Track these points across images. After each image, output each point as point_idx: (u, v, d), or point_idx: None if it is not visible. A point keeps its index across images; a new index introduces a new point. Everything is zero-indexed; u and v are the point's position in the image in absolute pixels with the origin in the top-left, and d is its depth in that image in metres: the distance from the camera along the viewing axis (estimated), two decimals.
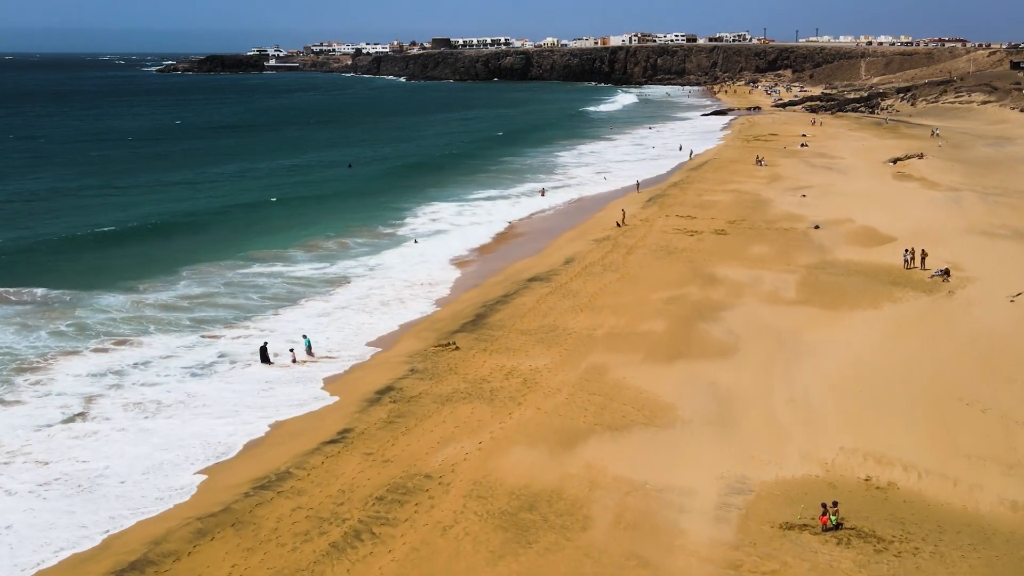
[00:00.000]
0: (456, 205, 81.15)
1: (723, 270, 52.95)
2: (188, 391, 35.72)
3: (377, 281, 54.11)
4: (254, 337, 42.65)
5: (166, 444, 30.79)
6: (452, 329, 42.85)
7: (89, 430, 31.92)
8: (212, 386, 36.33)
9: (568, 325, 42.50)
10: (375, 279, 54.57)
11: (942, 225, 64.94)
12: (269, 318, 46.12)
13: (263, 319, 45.85)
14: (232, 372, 38.14)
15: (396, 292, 51.35)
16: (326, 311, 47.29)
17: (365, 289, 51.90)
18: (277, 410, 33.46)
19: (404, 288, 52.25)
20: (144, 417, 33.22)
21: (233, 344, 41.80)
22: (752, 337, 40.84)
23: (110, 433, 31.73)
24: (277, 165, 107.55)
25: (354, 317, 46.19)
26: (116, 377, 37.10)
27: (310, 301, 49.23)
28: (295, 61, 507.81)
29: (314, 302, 49.09)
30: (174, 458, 29.71)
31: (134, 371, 37.91)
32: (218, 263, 56.99)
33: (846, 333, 41.50)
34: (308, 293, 50.89)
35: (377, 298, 49.97)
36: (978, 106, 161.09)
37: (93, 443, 30.88)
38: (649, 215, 70.27)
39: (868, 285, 49.79)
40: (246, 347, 41.21)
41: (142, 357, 39.78)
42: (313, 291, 51.23)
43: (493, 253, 62.71)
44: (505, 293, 49.11)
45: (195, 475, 28.62)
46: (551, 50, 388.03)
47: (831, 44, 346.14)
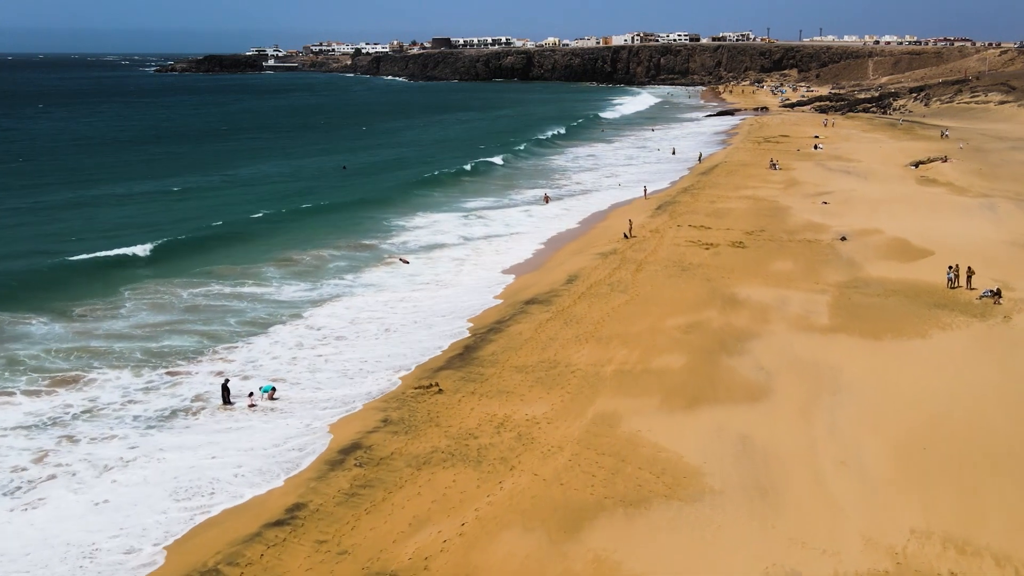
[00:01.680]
0: (456, 215, 75.28)
1: (745, 290, 47.15)
2: (126, 451, 29.86)
3: (364, 300, 48.27)
4: (204, 373, 36.81)
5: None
6: (436, 365, 36.97)
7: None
8: (153, 440, 30.43)
9: (571, 360, 36.65)
10: (363, 298, 48.68)
11: (980, 237, 59.21)
12: (238, 347, 40.22)
13: (229, 350, 39.92)
14: (182, 420, 32.29)
15: (382, 318, 45.22)
16: (299, 340, 41.28)
17: (348, 314, 45.75)
18: (215, 479, 27.43)
19: (390, 312, 46.21)
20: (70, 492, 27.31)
21: (190, 382, 35.94)
22: (785, 374, 35.02)
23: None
24: (256, 171, 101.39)
25: (330, 349, 40.14)
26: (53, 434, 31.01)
27: (284, 328, 43.11)
28: (294, 61, 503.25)
29: (288, 329, 42.96)
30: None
31: (76, 422, 31.99)
32: (181, 282, 50.89)
33: (893, 368, 35.69)
34: (282, 317, 44.84)
35: (358, 326, 43.87)
36: (995, 106, 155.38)
37: None
38: (659, 225, 64.41)
39: (909, 308, 43.98)
40: (201, 385, 35.41)
41: (88, 402, 33.87)
42: (288, 315, 45.13)
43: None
44: (499, 319, 43.27)
45: None
46: (552, 50, 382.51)
47: (837, 43, 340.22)
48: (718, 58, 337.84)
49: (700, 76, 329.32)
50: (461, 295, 49.61)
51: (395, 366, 37.58)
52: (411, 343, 40.85)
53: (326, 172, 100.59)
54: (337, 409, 32.78)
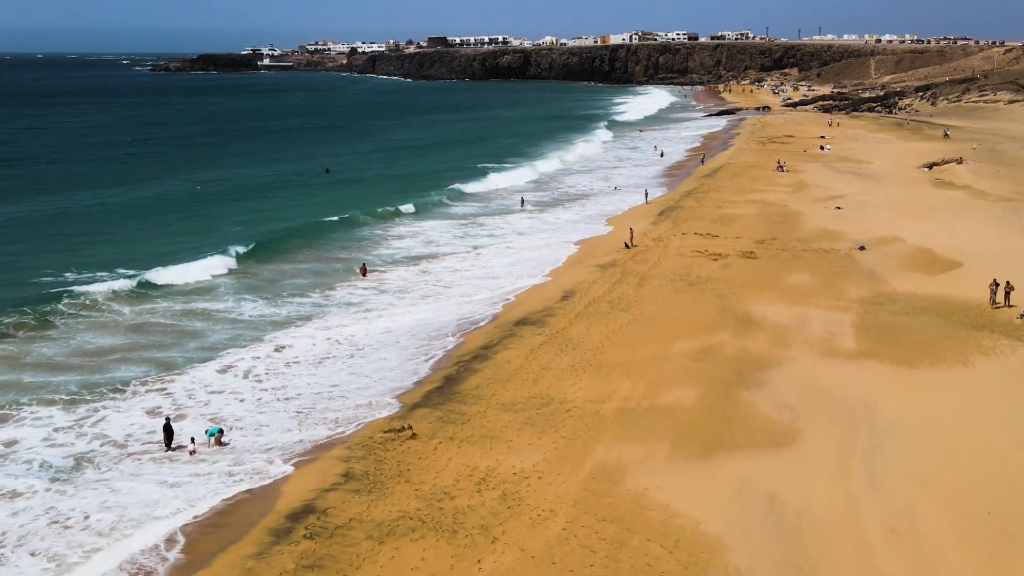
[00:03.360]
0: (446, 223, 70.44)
1: (759, 307, 42.53)
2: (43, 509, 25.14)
3: (334, 320, 43.53)
4: (137, 410, 32.09)
5: None
6: (411, 401, 32.24)
7: None
8: (70, 502, 25.70)
9: (566, 394, 31.97)
10: (334, 318, 43.92)
11: (1009, 246, 54.65)
12: (183, 377, 35.50)
13: (173, 380, 35.19)
14: (92, 473, 27.52)
15: (353, 340, 40.44)
16: (256, 369, 36.51)
17: (314, 336, 40.96)
18: (113, 556, 22.61)
19: (362, 335, 41.40)
20: None
21: (119, 421, 31.23)
22: (812, 411, 30.39)
23: None
24: (234, 175, 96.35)
25: (291, 379, 35.32)
26: None
27: (241, 353, 38.35)
28: (289, 60, 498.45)
29: (245, 355, 38.18)
30: None
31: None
32: (126, 297, 45.87)
33: (936, 403, 31.09)
34: (241, 340, 40.11)
35: (325, 351, 39.07)
36: (1005, 105, 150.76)
37: None
38: (662, 233, 59.73)
39: (943, 328, 39.37)
40: (134, 424, 30.72)
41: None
42: (248, 338, 40.39)
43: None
44: (486, 343, 38.56)
45: None
46: (550, 49, 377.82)
47: (838, 42, 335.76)
48: (717, 57, 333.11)
49: (699, 75, 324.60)
50: (445, 312, 44.89)
51: (365, 401, 32.85)
52: (384, 372, 36.13)
53: (307, 175, 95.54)
54: (291, 458, 28.03)
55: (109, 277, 49.15)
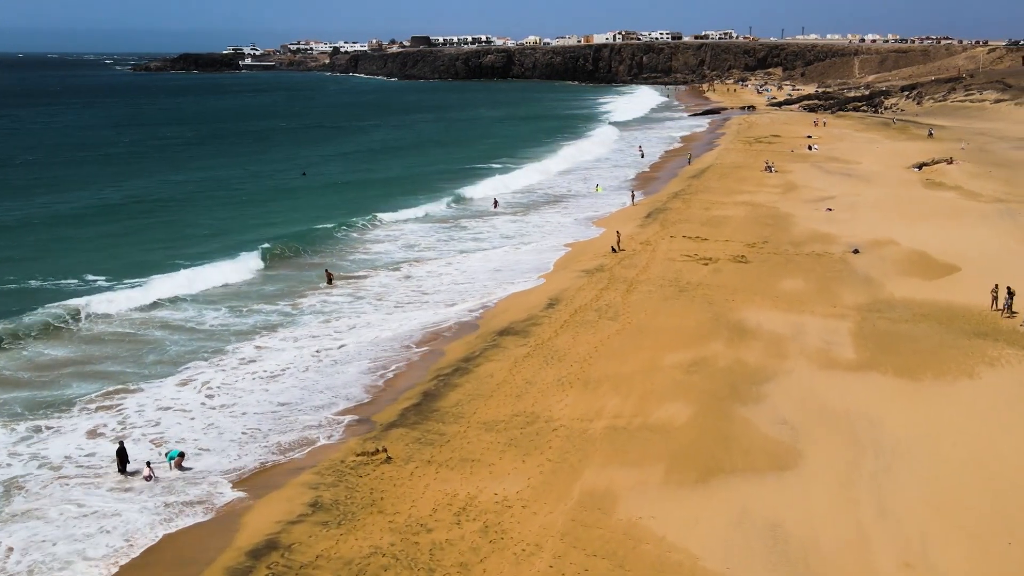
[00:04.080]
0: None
1: (753, 315, 40.75)
2: None
3: (303, 330, 41.43)
4: (81, 432, 29.96)
5: None
6: (387, 420, 30.19)
7: None
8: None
9: (552, 412, 30.03)
10: (303, 328, 41.82)
11: (1006, 249, 53.24)
12: (139, 393, 33.32)
13: (128, 396, 33.02)
14: (50, 493, 25.39)
15: (327, 352, 38.32)
16: (219, 384, 34.34)
17: (282, 347, 38.83)
18: None
19: (334, 346, 39.30)
20: None
21: (64, 442, 29.06)
22: (814, 429, 28.58)
23: None
24: (206, 176, 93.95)
25: (256, 396, 33.18)
26: None
27: (203, 367, 36.20)
28: (272, 60, 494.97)
29: (207, 369, 36.01)
30: None
31: None
32: (85, 307, 43.29)
33: (943, 419, 29.37)
34: (202, 352, 37.97)
35: (294, 362, 36.95)
36: (991, 105, 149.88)
37: None
38: (650, 236, 57.88)
39: (945, 337, 37.70)
40: (85, 446, 28.61)
41: None
42: (210, 350, 38.25)
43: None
44: (468, 355, 36.52)
45: None
46: (533, 48, 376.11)
47: (822, 42, 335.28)
48: (701, 56, 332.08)
49: (683, 75, 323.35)
50: (424, 320, 42.84)
51: (336, 419, 30.81)
52: (358, 387, 34.05)
53: (284, 178, 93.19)
54: (254, 485, 25.93)
55: (70, 287, 46.93)
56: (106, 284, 47.69)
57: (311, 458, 27.50)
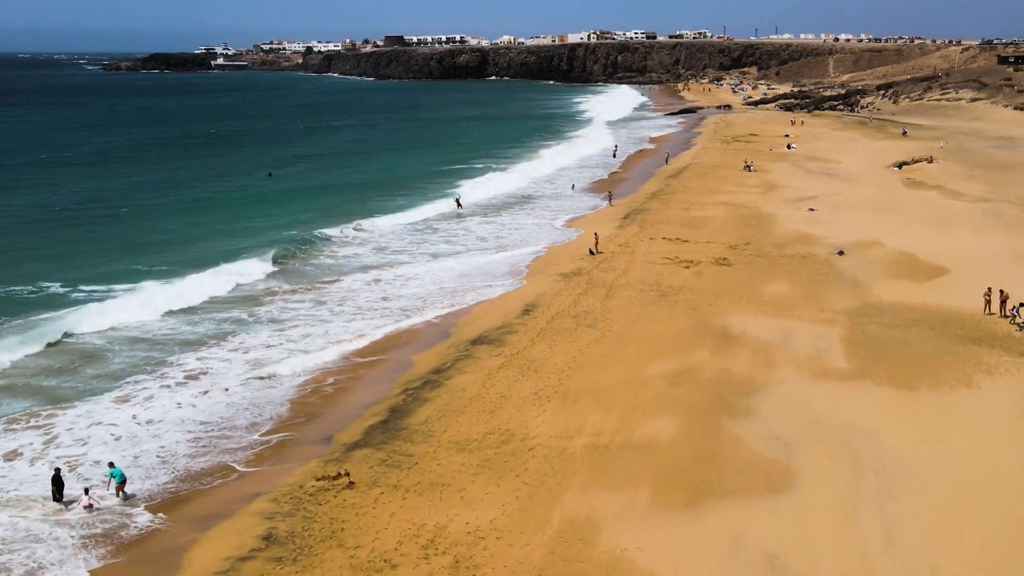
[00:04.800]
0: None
1: (738, 320, 38.93)
2: None
3: (262, 337, 39.10)
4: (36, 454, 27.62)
5: None
6: (349, 439, 28.01)
7: None
8: None
9: (529, 429, 27.98)
10: (261, 335, 39.48)
11: (993, 250, 51.87)
12: (73, 410, 30.88)
13: (58, 415, 30.56)
14: None
15: (279, 364, 35.97)
16: (165, 399, 31.89)
17: (233, 358, 36.41)
18: None
19: (293, 355, 37.00)
20: None
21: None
22: (808, 446, 26.73)
23: None
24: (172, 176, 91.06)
25: (203, 412, 30.73)
26: None
27: (147, 381, 33.74)
28: (244, 60, 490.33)
29: (152, 382, 33.57)
30: None
31: None
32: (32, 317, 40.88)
33: (943, 432, 27.65)
34: (147, 364, 35.54)
35: (248, 371, 34.61)
36: (967, 103, 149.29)
37: None
38: (628, 238, 55.97)
39: (939, 343, 36.06)
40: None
41: None
42: (155, 361, 35.82)
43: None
44: (438, 366, 34.39)
45: None
46: (508, 48, 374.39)
47: (797, 41, 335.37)
48: (676, 56, 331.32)
49: (658, 74, 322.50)
50: (390, 328, 40.65)
51: (294, 436, 28.60)
52: (322, 401, 31.86)
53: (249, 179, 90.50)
54: (201, 515, 23.67)
55: (20, 295, 44.39)
56: (61, 292, 45.16)
57: (266, 483, 25.27)
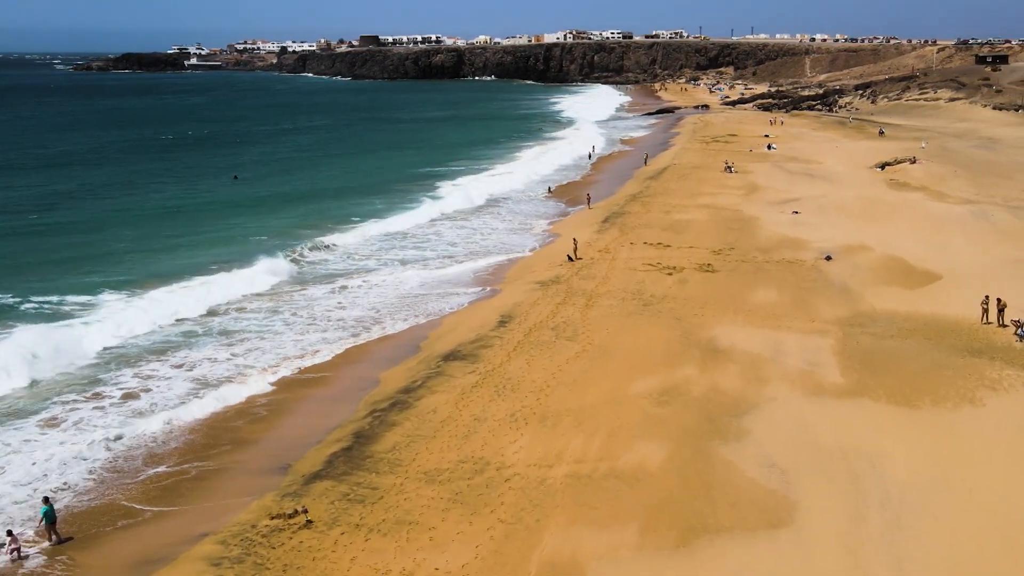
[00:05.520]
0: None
1: (725, 332, 36.92)
2: None
3: (208, 351, 36.67)
4: None
5: None
6: (308, 470, 25.66)
7: None
8: None
9: (505, 456, 25.76)
10: (207, 348, 37.04)
11: (986, 254, 50.19)
12: None
13: None
14: None
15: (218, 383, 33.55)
16: (96, 426, 29.34)
17: (171, 376, 33.91)
18: None
19: (230, 373, 34.56)
20: None
21: None
22: (807, 473, 24.69)
23: None
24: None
25: (143, 438, 28.32)
26: None
27: (77, 402, 31.24)
28: (218, 60, 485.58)
29: (85, 405, 31.05)
30: None
31: None
32: None
33: (950, 457, 25.69)
34: (78, 385, 32.95)
35: (195, 389, 32.19)
36: (945, 103, 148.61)
37: None
38: (608, 243, 53.87)
39: (937, 355, 34.18)
40: None
41: None
42: (87, 381, 33.27)
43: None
44: (408, 384, 32.10)
45: None
46: (484, 48, 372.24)
47: (773, 41, 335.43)
48: (653, 56, 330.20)
49: (635, 74, 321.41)
50: (357, 340, 38.39)
51: (248, 466, 26.26)
52: (280, 423, 29.53)
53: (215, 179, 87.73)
54: (141, 559, 21.32)
55: None
56: (11, 304, 42.60)
57: (215, 519, 22.93)
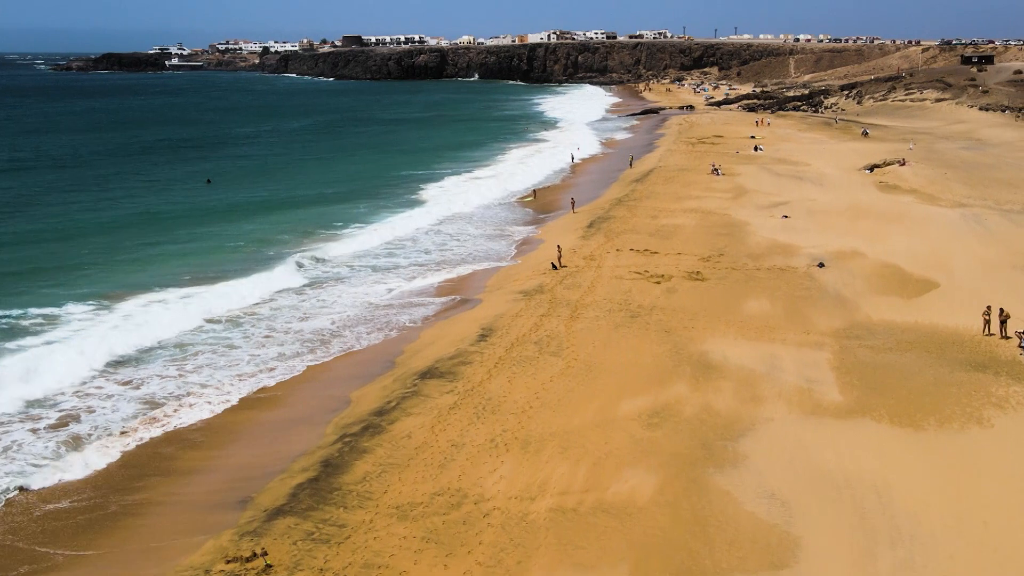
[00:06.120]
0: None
1: (717, 345, 35.15)
2: None
3: (157, 365, 34.67)
4: None
5: None
6: (270, 504, 23.65)
7: None
8: None
9: (484, 488, 23.83)
10: (157, 363, 35.04)
11: (982, 260, 48.75)
12: None
13: None
14: None
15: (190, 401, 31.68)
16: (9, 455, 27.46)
17: (115, 395, 31.95)
18: None
19: (210, 389, 32.68)
20: None
21: None
22: (810, 505, 22.90)
23: None
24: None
25: (82, 469, 26.36)
26: None
27: (14, 424, 29.25)
28: (199, 60, 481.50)
29: (21, 425, 29.09)
30: None
31: None
32: None
33: (961, 485, 23.96)
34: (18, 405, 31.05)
35: (127, 415, 30.20)
36: (932, 104, 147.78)
37: None
38: (594, 249, 52.04)
39: (939, 371, 32.52)
40: None
41: None
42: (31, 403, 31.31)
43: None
44: (381, 406, 30.09)
45: None
46: (467, 48, 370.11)
47: (757, 41, 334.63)
48: (637, 56, 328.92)
49: (619, 74, 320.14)
50: (320, 355, 36.42)
51: (200, 499, 24.24)
52: (238, 449, 27.53)
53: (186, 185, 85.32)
54: None
55: None
56: None
57: (166, 561, 20.93)
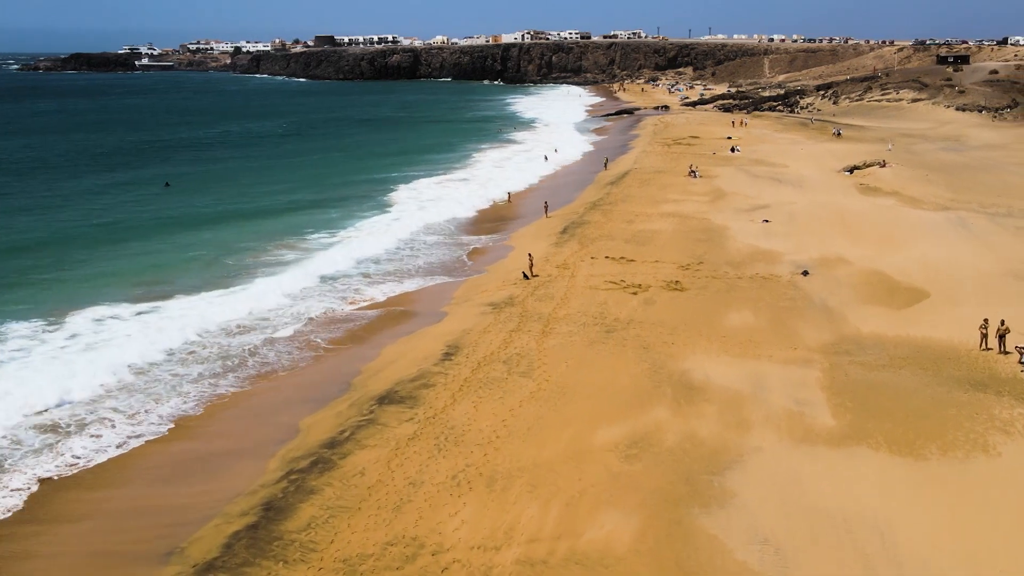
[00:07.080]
0: None
1: (699, 363, 32.76)
2: None
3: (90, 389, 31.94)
4: None
5: None
6: (202, 557, 20.94)
7: None
8: None
9: (443, 535, 21.24)
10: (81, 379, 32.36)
11: (971, 267, 46.68)
12: None
13: None
14: None
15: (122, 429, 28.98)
16: None
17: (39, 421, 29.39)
18: None
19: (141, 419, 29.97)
20: None
21: None
22: (807, 551, 20.53)
23: None
24: None
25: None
26: None
27: None
28: (170, 60, 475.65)
29: None
30: None
31: None
32: None
33: (972, 525, 21.71)
34: None
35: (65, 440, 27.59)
36: (908, 104, 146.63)
37: None
38: (567, 257, 49.57)
39: (937, 391, 30.31)
40: None
41: None
42: None
43: None
44: (333, 436, 27.37)
45: None
46: (441, 48, 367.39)
47: (732, 41, 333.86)
48: (611, 56, 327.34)
49: (593, 74, 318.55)
50: (266, 377, 33.73)
51: (119, 549, 21.52)
52: (173, 487, 24.82)
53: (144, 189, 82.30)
54: None
55: None
56: None
57: None
